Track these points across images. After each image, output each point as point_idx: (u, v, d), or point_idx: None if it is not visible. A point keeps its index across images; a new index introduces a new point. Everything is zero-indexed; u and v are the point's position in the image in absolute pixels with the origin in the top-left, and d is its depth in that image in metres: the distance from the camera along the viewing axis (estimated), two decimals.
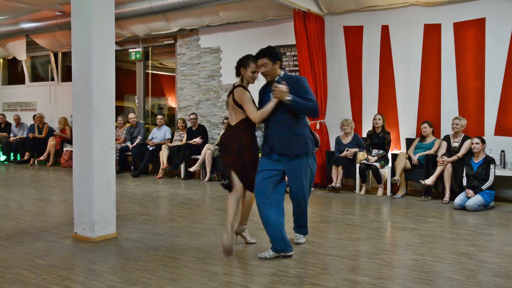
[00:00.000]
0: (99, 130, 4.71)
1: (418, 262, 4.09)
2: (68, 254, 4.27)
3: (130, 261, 4.04)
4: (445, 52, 7.87)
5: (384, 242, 4.91)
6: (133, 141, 10.56)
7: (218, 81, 10.34)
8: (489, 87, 7.53)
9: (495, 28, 7.45)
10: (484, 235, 5.11)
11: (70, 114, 11.30)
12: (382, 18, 8.34)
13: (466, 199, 6.47)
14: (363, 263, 4.06)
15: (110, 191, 4.85)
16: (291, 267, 3.89)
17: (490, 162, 6.58)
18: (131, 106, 12.37)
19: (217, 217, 5.93)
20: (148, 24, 10.55)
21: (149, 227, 5.29)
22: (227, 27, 10.06)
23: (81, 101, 4.73)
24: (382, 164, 7.75)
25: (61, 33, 11.57)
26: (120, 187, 8.16)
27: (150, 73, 11.75)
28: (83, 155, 4.73)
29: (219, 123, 10.27)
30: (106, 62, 4.78)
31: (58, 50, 12.88)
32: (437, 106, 7.97)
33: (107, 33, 4.79)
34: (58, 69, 13.08)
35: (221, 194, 7.77)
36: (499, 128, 7.49)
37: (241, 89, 4.29)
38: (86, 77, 4.67)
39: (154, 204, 6.91)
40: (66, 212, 6.09)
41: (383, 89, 8.41)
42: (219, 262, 4.01)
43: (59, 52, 12.99)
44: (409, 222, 5.70)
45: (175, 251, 4.35)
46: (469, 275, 3.72)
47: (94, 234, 4.68)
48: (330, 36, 8.79)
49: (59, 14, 10.66)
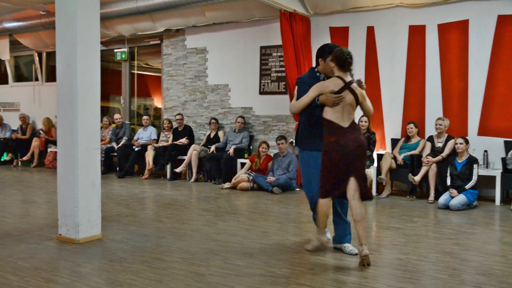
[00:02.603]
0: (84, 131, 4.67)
1: (403, 261, 4.13)
2: (52, 256, 4.22)
3: (115, 262, 4.02)
4: (430, 53, 7.95)
5: (369, 241, 4.93)
6: (119, 141, 10.50)
7: (204, 82, 10.32)
8: (472, 88, 7.63)
9: (478, 30, 7.56)
10: (467, 234, 5.18)
11: (54, 114, 11.20)
12: (368, 19, 8.40)
13: (450, 198, 6.55)
14: (349, 263, 4.08)
15: (95, 192, 4.81)
16: (277, 267, 3.90)
17: (473, 162, 6.67)
18: (116, 106, 12.29)
19: (203, 218, 5.92)
20: (134, 24, 10.49)
21: (135, 228, 5.26)
22: (213, 27, 10.05)
23: (66, 102, 4.69)
24: (368, 164, 7.80)
25: (46, 32, 11.45)
26: (106, 188, 8.11)
27: (136, 74, 11.68)
28: (68, 156, 4.69)
29: (205, 123, 10.25)
30: (91, 62, 4.75)
31: (42, 50, 12.74)
32: (421, 107, 8.05)
33: (92, 33, 4.75)
34: (42, 69, 12.94)
35: (207, 195, 7.76)
36: (482, 129, 7.59)
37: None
38: (70, 78, 4.63)
39: (139, 205, 6.87)
40: (50, 213, 6.03)
41: (369, 89, 8.38)
42: (205, 263, 4.00)
43: (43, 52, 12.85)
44: (394, 222, 5.75)
45: (161, 252, 4.33)
46: (453, 274, 3.76)
47: (79, 236, 4.63)
48: (316, 37, 8.83)
49: (43, 13, 10.55)
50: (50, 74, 12.80)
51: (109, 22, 10.55)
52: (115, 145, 10.41)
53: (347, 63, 4.01)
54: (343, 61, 4.00)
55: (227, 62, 9.97)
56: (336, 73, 4.06)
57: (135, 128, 11.60)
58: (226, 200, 7.33)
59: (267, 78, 9.49)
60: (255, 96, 9.63)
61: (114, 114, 10.96)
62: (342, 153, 3.94)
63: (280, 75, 9.30)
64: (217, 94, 10.15)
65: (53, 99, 8.34)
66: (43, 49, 12.68)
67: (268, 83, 9.47)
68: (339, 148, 3.94)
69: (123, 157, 10.07)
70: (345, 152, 3.94)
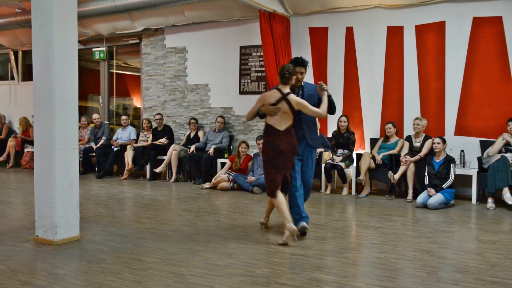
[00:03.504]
0: (61, 131, 4.61)
1: (381, 260, 4.17)
2: (29, 258, 4.16)
3: (93, 264, 3.97)
4: (407, 54, 8.06)
5: (349, 241, 4.99)
6: (97, 141, 10.38)
7: (184, 81, 10.27)
8: (449, 88, 7.75)
9: (454, 31, 7.68)
10: (445, 232, 5.26)
11: (31, 114, 11.01)
12: (347, 19, 8.48)
13: (428, 197, 6.64)
14: (328, 262, 4.11)
15: (73, 192, 4.75)
16: (258, 267, 3.91)
17: (450, 162, 6.78)
18: (95, 106, 12.15)
19: (183, 218, 5.90)
20: (113, 23, 10.39)
21: (114, 229, 5.21)
22: (192, 27, 10.01)
23: (43, 101, 4.62)
24: (347, 164, 7.87)
25: (21, 30, 11.25)
26: (84, 188, 8.02)
27: (115, 73, 11.57)
28: (45, 156, 4.62)
29: (185, 123, 10.20)
30: (69, 61, 4.68)
31: (18, 48, 12.52)
32: (400, 107, 8.15)
33: (70, 31, 4.69)
34: (18, 68, 12.71)
35: (187, 195, 7.73)
36: (458, 128, 7.72)
37: (294, 95, 4.84)
38: (47, 77, 4.57)
39: (118, 205, 6.81)
40: (27, 214, 5.93)
41: (348, 89, 8.54)
42: (184, 263, 3.99)
43: (19, 51, 12.63)
44: (373, 221, 5.81)
45: (140, 253, 4.30)
46: (430, 272, 3.82)
47: (56, 237, 4.57)
48: (295, 37, 8.87)
49: (19, 11, 10.36)
50: (27, 73, 12.58)
51: (87, 21, 10.43)
52: (94, 145, 10.29)
53: (285, 78, 4.78)
54: (282, 75, 4.79)
55: (207, 62, 9.94)
56: (279, 85, 4.85)
57: (114, 128, 11.48)
58: (206, 200, 7.31)
59: (247, 78, 9.49)
60: (235, 96, 9.63)
61: (92, 114, 10.85)
62: (276, 151, 4.72)
63: (260, 75, 9.32)
64: (196, 94, 10.12)
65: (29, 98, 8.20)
66: (19, 48, 12.46)
67: (248, 83, 9.47)
68: (274, 147, 4.73)
69: (101, 157, 9.96)
70: (278, 150, 4.71)
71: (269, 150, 4.76)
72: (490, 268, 3.93)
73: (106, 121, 11.21)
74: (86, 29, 10.75)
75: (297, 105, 4.76)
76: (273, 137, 4.76)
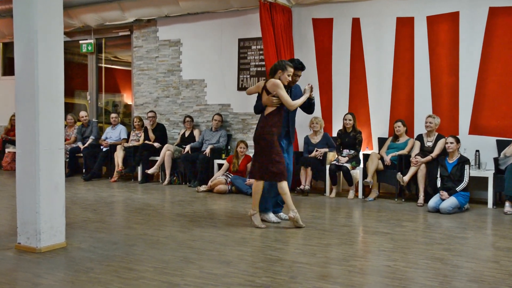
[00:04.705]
0: (46, 130, 4.60)
1: (391, 268, 4.16)
2: (10, 267, 4.15)
3: (80, 273, 3.96)
4: (418, 47, 8.05)
5: (355, 247, 4.98)
6: (85, 141, 10.37)
7: (178, 76, 10.27)
8: (463, 84, 7.74)
9: (469, 22, 7.67)
10: (459, 238, 5.25)
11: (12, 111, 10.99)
12: (353, 10, 8.47)
13: (440, 201, 6.63)
14: (334, 270, 4.10)
15: (59, 196, 4.74)
16: (257, 276, 3.90)
17: (464, 163, 6.76)
18: (82, 103, 12.15)
19: (177, 223, 5.89)
20: (101, 14, 10.38)
21: (103, 236, 5.20)
22: (187, 18, 10.00)
23: (26, 98, 4.61)
24: (353, 165, 7.86)
25: (2, 21, 11.24)
26: (70, 192, 8.01)
27: (104, 67, 11.57)
28: (28, 157, 4.61)
29: (179, 121, 10.20)
30: (54, 54, 4.67)
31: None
32: (410, 104, 8.14)
33: (55, 22, 4.68)
34: None
35: (182, 198, 7.73)
36: (473, 127, 7.71)
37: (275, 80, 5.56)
38: (31, 71, 4.55)
39: (108, 210, 6.80)
40: (8, 220, 5.92)
41: (354, 85, 8.53)
42: (179, 272, 3.98)
43: (0, 43, 12.62)
44: (381, 226, 5.80)
45: (131, 261, 4.29)
46: (443, 281, 3.81)
47: (40, 244, 4.55)
48: (298, 28, 8.86)
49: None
50: (8, 67, 12.56)
51: (73, 11, 10.41)
52: (81, 145, 10.28)
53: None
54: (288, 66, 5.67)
55: (203, 56, 9.93)
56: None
57: (103, 126, 11.49)
58: (202, 204, 7.31)
59: (246, 73, 9.48)
60: (233, 92, 9.62)
61: (79, 112, 10.82)
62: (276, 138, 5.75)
63: (259, 69, 9.31)
64: (192, 90, 10.11)
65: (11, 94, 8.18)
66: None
67: (247, 78, 9.47)
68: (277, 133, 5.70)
69: (89, 158, 9.95)
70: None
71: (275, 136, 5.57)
72: (507, 277, 3.92)
73: (95, 119, 11.20)
74: (73, 20, 10.74)
75: (272, 87, 5.48)
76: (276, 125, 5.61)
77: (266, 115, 5.60)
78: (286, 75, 5.56)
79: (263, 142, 5.55)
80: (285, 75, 5.56)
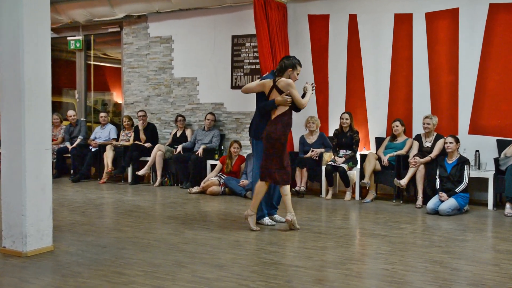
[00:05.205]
0: (32, 129, 4.58)
1: (388, 271, 4.17)
2: None
3: (68, 277, 3.94)
4: (417, 44, 8.07)
5: (352, 250, 4.99)
6: (73, 141, 10.34)
7: (169, 74, 10.25)
8: (462, 82, 7.77)
9: (469, 19, 7.69)
10: (458, 241, 5.27)
11: None
12: (350, 6, 8.48)
13: (439, 202, 6.65)
14: (330, 274, 4.10)
15: (46, 198, 4.72)
16: (251, 280, 3.89)
17: (464, 163, 6.79)
18: (70, 101, 12.11)
19: (169, 226, 5.87)
20: (90, 9, 10.34)
21: (91, 239, 5.19)
22: (179, 14, 9.99)
23: (11, 96, 4.58)
24: (350, 166, 7.87)
25: None
26: (58, 193, 7.98)
27: (93, 65, 11.55)
28: (13, 158, 4.58)
29: (171, 121, 10.18)
30: (41, 51, 4.65)
31: None
32: (408, 103, 8.16)
33: (41, 18, 4.66)
34: None
35: (173, 200, 7.71)
36: (473, 127, 7.73)
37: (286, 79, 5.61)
38: (16, 69, 4.53)
39: (97, 212, 6.79)
40: None
41: (351, 83, 8.54)
42: (170, 276, 3.97)
43: None
44: (379, 229, 5.81)
45: (121, 265, 4.28)
46: (443, 285, 3.82)
47: (27, 248, 4.53)
48: (293, 25, 8.86)
49: None
50: None
51: (61, 6, 10.38)
52: (69, 145, 10.25)
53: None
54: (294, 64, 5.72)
55: (195, 53, 9.91)
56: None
57: (92, 126, 11.46)
58: (195, 206, 7.30)
59: (240, 71, 9.48)
60: (227, 90, 9.61)
61: (67, 111, 10.79)
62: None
63: (254, 67, 9.31)
64: (184, 88, 10.09)
65: None
66: None
67: (241, 76, 9.46)
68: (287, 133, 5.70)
69: (78, 159, 9.93)
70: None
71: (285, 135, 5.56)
72: (508, 280, 3.93)
73: (83, 119, 11.16)
74: (60, 16, 10.70)
75: (286, 87, 5.51)
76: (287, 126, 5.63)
77: (279, 116, 5.52)
78: (295, 73, 5.65)
79: (279, 144, 5.47)
80: (294, 73, 5.64)
